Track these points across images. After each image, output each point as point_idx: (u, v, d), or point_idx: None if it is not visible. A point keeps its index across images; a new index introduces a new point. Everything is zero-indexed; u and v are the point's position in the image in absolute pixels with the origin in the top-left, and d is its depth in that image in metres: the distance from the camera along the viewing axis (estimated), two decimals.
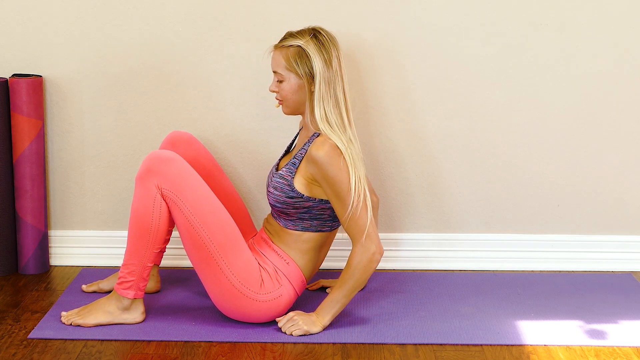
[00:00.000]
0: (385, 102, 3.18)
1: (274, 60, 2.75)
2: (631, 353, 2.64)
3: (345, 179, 2.66)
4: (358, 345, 2.66)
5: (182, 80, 3.17)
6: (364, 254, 2.68)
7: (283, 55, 2.72)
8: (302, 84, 2.71)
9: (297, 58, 2.70)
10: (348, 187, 2.66)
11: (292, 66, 2.71)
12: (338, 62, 2.72)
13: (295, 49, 2.71)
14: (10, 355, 2.58)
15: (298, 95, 2.74)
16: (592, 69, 3.16)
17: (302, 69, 2.70)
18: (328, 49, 2.70)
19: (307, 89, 2.72)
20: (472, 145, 3.21)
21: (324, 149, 2.66)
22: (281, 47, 2.73)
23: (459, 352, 2.63)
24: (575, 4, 3.12)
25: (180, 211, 2.67)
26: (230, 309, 2.74)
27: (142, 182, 2.68)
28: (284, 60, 2.72)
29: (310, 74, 2.70)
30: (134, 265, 2.72)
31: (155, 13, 3.12)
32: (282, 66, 2.72)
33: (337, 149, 2.67)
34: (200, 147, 3.00)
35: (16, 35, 3.14)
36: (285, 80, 2.73)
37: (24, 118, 3.09)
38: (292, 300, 2.78)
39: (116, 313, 2.75)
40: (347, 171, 2.66)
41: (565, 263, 3.28)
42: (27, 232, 3.16)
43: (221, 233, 2.67)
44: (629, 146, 3.22)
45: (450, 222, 3.28)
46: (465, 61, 3.15)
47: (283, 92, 2.74)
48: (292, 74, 2.71)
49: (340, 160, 2.66)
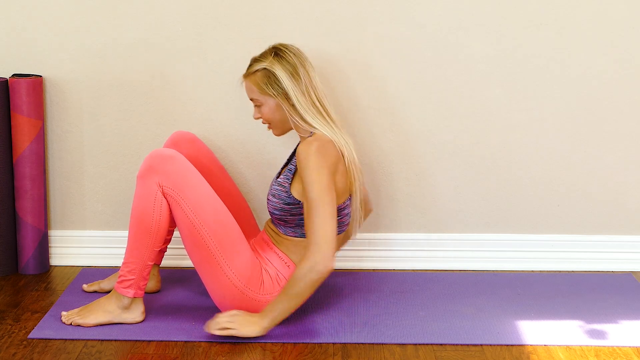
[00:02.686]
0: (385, 102, 3.18)
1: (247, 89, 2.81)
2: (631, 353, 2.64)
3: (318, 182, 2.64)
4: (358, 345, 2.66)
5: (182, 80, 3.17)
6: (307, 262, 2.62)
7: (252, 82, 2.77)
8: (279, 102, 2.75)
9: (266, 80, 2.74)
10: (318, 190, 2.64)
11: (263, 89, 2.75)
12: (305, 71, 2.75)
13: (261, 72, 2.75)
14: (10, 355, 2.58)
15: (279, 114, 2.77)
16: (592, 69, 3.16)
17: (274, 89, 2.74)
18: (291, 62, 2.74)
19: (287, 105, 2.74)
20: (472, 145, 3.22)
21: (308, 147, 2.66)
22: (249, 74, 2.78)
23: (459, 352, 2.63)
24: (575, 3, 3.12)
25: (181, 209, 2.67)
26: (231, 308, 2.74)
27: (143, 180, 2.68)
28: (254, 86, 2.77)
29: (283, 91, 2.73)
30: (134, 263, 2.72)
31: (155, 13, 3.12)
32: (255, 92, 2.77)
33: (321, 151, 2.66)
34: (203, 147, 3.00)
35: (16, 35, 3.14)
36: (264, 104, 2.77)
37: (24, 118, 3.09)
38: None
39: (116, 312, 2.75)
40: (324, 175, 2.64)
41: (565, 263, 3.28)
42: (27, 232, 3.16)
43: (222, 232, 2.67)
44: (629, 146, 3.23)
45: (450, 222, 3.28)
46: (465, 61, 3.15)
47: (265, 115, 2.79)
48: (267, 96, 2.76)
49: (320, 161, 2.65)
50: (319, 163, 2.65)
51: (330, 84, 3.16)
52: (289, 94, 2.72)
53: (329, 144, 2.70)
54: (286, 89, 2.72)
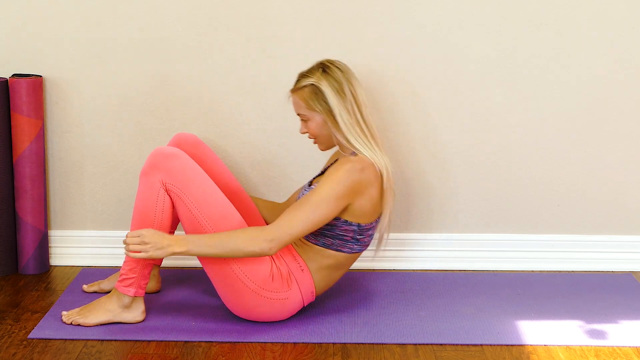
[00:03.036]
0: (385, 102, 3.18)
1: (294, 104, 2.82)
2: (631, 353, 2.64)
3: (327, 191, 2.66)
4: (358, 345, 2.66)
5: (182, 80, 3.17)
6: (258, 233, 2.62)
7: (300, 97, 2.78)
8: (325, 118, 2.76)
9: (313, 96, 2.76)
10: (321, 196, 2.66)
11: (310, 105, 2.76)
12: (351, 88, 2.76)
13: (309, 88, 2.76)
14: (10, 355, 2.58)
15: (325, 129, 2.78)
16: (592, 69, 3.16)
17: (321, 105, 2.75)
18: (338, 79, 2.75)
19: (331, 122, 2.75)
20: (472, 146, 3.21)
21: (344, 163, 2.69)
22: (296, 89, 2.80)
23: (459, 352, 2.63)
24: (575, 3, 3.12)
25: (185, 206, 2.67)
26: (235, 304, 2.73)
27: (146, 177, 2.69)
28: (301, 102, 2.78)
29: (328, 108, 2.74)
30: (136, 262, 2.72)
31: (155, 13, 3.12)
32: (302, 107, 2.79)
33: (352, 171, 2.68)
34: (206, 149, 3.00)
35: (16, 35, 3.14)
36: (310, 120, 2.79)
37: (24, 118, 3.09)
38: (296, 308, 2.77)
39: (117, 311, 2.75)
40: (336, 190, 2.67)
41: (565, 263, 3.28)
42: (27, 232, 3.16)
43: (226, 227, 2.67)
44: (629, 146, 3.23)
45: (450, 222, 3.28)
46: (465, 61, 3.15)
47: (312, 130, 2.80)
48: (313, 112, 2.77)
49: (344, 178, 2.67)
50: (341, 179, 2.68)
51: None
52: (334, 111, 2.74)
53: (369, 168, 2.72)
54: (332, 106, 2.74)
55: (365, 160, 2.73)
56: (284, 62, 3.15)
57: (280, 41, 3.14)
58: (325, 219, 2.68)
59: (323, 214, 2.67)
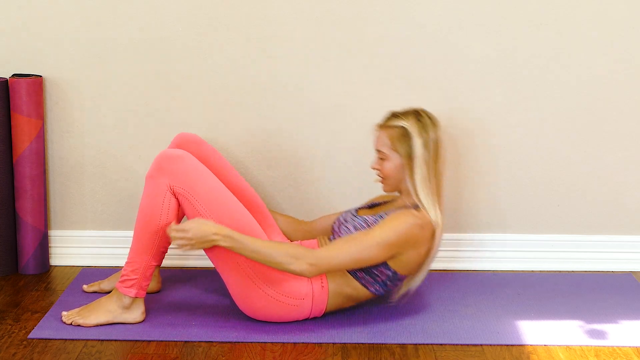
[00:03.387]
0: (384, 102, 3.18)
1: (378, 140, 2.82)
2: (631, 353, 2.64)
3: (383, 235, 2.68)
4: (358, 345, 2.66)
5: (182, 80, 3.17)
6: (304, 253, 2.64)
7: (387, 135, 2.79)
8: (403, 163, 2.77)
9: (401, 138, 2.77)
10: (376, 239, 2.67)
11: (395, 146, 2.77)
12: (436, 144, 2.78)
13: (399, 130, 2.77)
14: (10, 355, 2.58)
15: (399, 173, 2.79)
16: (592, 69, 3.16)
17: (404, 149, 2.76)
18: (428, 131, 2.77)
19: (409, 171, 2.76)
20: (471, 146, 3.21)
21: (408, 216, 2.70)
22: (386, 126, 2.81)
23: (459, 352, 2.63)
24: (575, 3, 3.12)
25: (193, 207, 2.67)
26: (247, 305, 2.73)
27: (152, 180, 2.69)
28: (387, 140, 2.79)
29: (410, 154, 2.75)
30: (138, 263, 2.72)
31: (156, 13, 3.12)
32: (386, 145, 2.79)
33: (416, 227, 2.70)
34: (209, 148, 2.99)
35: (16, 35, 3.14)
36: (388, 159, 2.79)
37: (24, 118, 3.09)
38: (300, 316, 2.77)
39: (117, 312, 2.75)
40: (392, 239, 2.68)
41: (565, 263, 3.28)
42: (27, 232, 3.16)
43: (235, 225, 2.67)
44: (629, 146, 3.22)
45: (450, 222, 3.27)
46: (465, 61, 3.15)
47: (385, 170, 2.81)
48: (395, 153, 2.78)
49: (403, 229, 2.68)
50: (401, 229, 2.69)
51: (330, 83, 3.16)
52: (415, 161, 2.75)
53: (428, 226, 2.73)
54: (414, 156, 2.75)
55: (426, 217, 2.73)
56: (284, 62, 3.15)
57: (280, 41, 3.14)
58: (371, 261, 2.70)
59: (371, 257, 2.68)
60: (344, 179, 3.24)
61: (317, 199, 3.25)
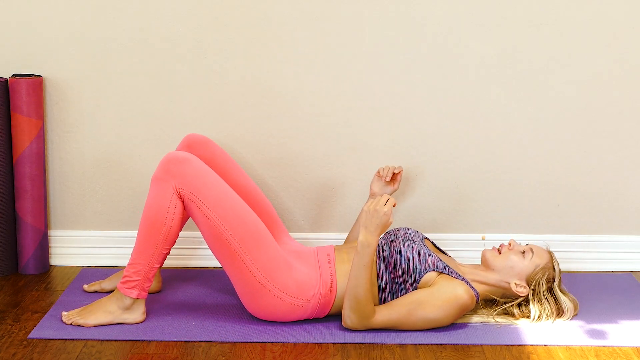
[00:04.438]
0: (385, 102, 3.18)
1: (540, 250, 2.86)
2: (631, 353, 2.64)
3: (437, 317, 2.70)
4: (358, 345, 2.66)
5: (182, 80, 3.17)
6: (357, 315, 2.68)
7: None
8: (531, 279, 2.82)
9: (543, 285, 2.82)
10: (428, 320, 2.70)
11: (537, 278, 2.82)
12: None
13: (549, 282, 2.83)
14: (10, 355, 2.58)
15: (519, 271, 2.82)
16: (592, 69, 3.16)
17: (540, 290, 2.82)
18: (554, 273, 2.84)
19: (533, 293, 2.81)
20: (471, 146, 3.21)
21: (466, 293, 2.70)
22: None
23: (459, 352, 2.63)
24: (575, 3, 3.12)
25: (200, 210, 2.67)
26: (253, 304, 2.73)
27: (159, 183, 2.69)
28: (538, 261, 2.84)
29: (537, 294, 2.81)
30: (141, 265, 2.72)
31: (156, 13, 3.12)
32: (543, 258, 2.84)
33: (467, 307, 2.71)
34: (217, 149, 2.99)
35: (16, 35, 3.14)
36: (531, 255, 2.82)
37: (24, 118, 3.09)
38: (302, 317, 2.77)
39: (117, 312, 2.75)
40: (444, 322, 2.72)
41: (565, 263, 3.28)
42: (27, 232, 3.16)
43: (242, 228, 2.67)
44: (629, 146, 3.23)
45: (450, 222, 3.28)
46: (465, 61, 3.15)
47: (520, 255, 2.82)
48: (535, 273, 2.82)
49: (455, 313, 2.71)
50: (455, 314, 2.71)
51: (330, 83, 3.16)
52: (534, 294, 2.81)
53: (473, 302, 2.74)
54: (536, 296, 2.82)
55: (471, 292, 2.73)
56: (284, 62, 3.15)
57: (280, 41, 3.14)
58: (417, 327, 2.74)
59: (425, 322, 2.72)
60: (347, 179, 3.23)
61: (319, 200, 3.25)
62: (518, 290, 2.78)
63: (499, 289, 2.82)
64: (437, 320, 2.70)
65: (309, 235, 3.28)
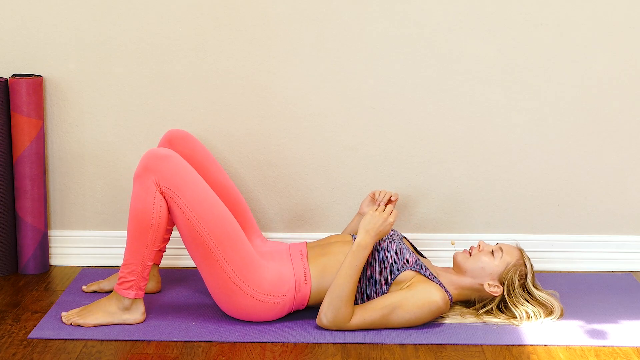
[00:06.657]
0: (385, 102, 3.18)
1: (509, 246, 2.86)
2: (631, 353, 2.64)
3: (412, 318, 2.72)
4: (358, 345, 2.66)
5: (182, 80, 3.17)
6: (343, 311, 2.69)
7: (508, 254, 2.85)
8: (503, 277, 2.81)
9: (514, 279, 2.80)
10: (405, 320, 2.71)
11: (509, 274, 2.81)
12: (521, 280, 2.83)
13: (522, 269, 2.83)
14: (10, 355, 2.58)
15: (490, 271, 2.81)
16: (592, 68, 3.16)
17: (510, 281, 2.80)
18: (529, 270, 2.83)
19: (507, 291, 2.81)
20: (472, 145, 3.22)
21: (439, 300, 2.71)
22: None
23: (459, 352, 2.63)
24: (575, 3, 3.12)
25: (179, 208, 2.67)
26: (229, 305, 2.74)
27: (140, 180, 2.68)
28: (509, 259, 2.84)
29: (510, 289, 2.80)
30: (134, 264, 2.72)
31: (156, 13, 3.12)
32: (513, 256, 2.84)
33: (442, 309, 2.72)
34: (197, 144, 3.00)
35: (16, 35, 3.14)
36: (501, 254, 2.81)
37: (24, 118, 3.09)
38: (281, 315, 2.77)
39: (117, 313, 2.75)
40: (420, 322, 2.73)
41: (565, 263, 3.28)
42: (27, 232, 3.16)
43: (219, 228, 2.68)
44: (629, 146, 3.23)
45: (450, 222, 3.28)
46: (465, 61, 3.15)
47: (489, 255, 2.82)
48: (506, 267, 2.81)
49: (430, 316, 2.73)
50: (430, 316, 2.73)
51: (330, 83, 3.16)
52: (512, 293, 2.81)
53: (448, 305, 2.75)
54: (514, 291, 2.81)
55: (446, 297, 2.74)
56: (284, 62, 3.15)
57: (280, 41, 3.14)
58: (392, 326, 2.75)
59: (400, 322, 2.73)
60: (341, 181, 3.24)
61: (312, 201, 3.25)
62: (492, 290, 2.78)
63: (474, 291, 2.82)
64: (410, 322, 2.73)
65: (311, 235, 3.28)
